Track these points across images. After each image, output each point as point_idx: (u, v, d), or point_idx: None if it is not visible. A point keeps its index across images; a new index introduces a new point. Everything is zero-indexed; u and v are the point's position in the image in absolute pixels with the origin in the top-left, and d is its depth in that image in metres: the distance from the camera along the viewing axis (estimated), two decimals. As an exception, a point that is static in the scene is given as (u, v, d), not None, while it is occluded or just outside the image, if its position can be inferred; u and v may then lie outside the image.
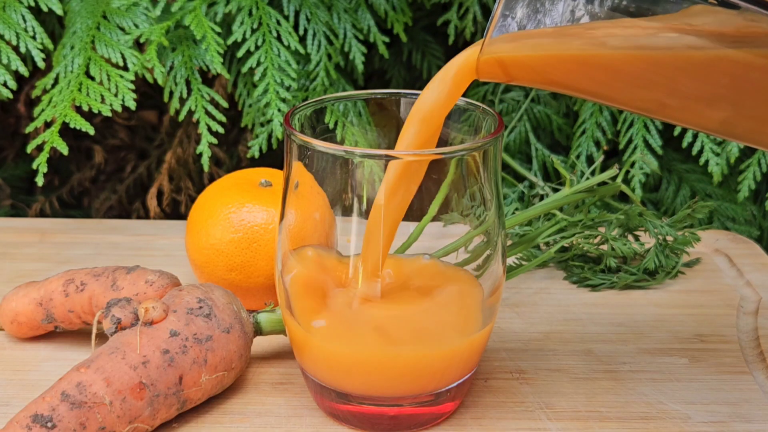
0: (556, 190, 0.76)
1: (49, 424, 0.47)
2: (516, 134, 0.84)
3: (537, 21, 0.40)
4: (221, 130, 0.76)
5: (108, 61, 0.76)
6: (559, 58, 0.41)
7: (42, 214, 0.91)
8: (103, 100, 0.72)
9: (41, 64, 0.74)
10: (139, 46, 0.79)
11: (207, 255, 0.63)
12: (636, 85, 0.40)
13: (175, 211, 0.90)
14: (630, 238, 0.75)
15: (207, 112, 0.77)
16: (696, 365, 0.60)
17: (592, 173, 0.75)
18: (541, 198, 0.77)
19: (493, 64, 0.43)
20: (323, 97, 0.55)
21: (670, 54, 0.39)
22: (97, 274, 0.58)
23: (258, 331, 0.57)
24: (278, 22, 0.77)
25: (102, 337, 0.59)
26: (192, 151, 0.87)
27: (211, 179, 0.89)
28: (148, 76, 0.75)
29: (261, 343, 0.61)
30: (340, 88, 0.81)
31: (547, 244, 0.73)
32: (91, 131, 0.71)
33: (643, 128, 0.80)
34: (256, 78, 0.76)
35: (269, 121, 0.77)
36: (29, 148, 0.72)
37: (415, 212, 0.51)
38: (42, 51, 0.75)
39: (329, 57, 0.79)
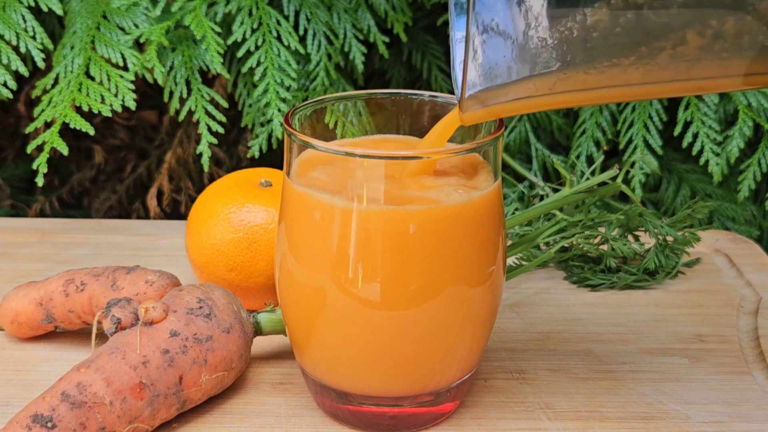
0: (556, 190, 0.76)
1: (49, 424, 0.47)
2: (516, 134, 0.84)
3: (503, 76, 0.44)
4: (221, 130, 0.76)
5: (108, 61, 0.76)
6: (532, 102, 0.45)
7: (42, 214, 0.91)
8: (103, 100, 0.73)
9: (41, 64, 0.74)
10: (139, 46, 0.79)
11: (207, 255, 0.63)
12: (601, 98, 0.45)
13: (175, 211, 0.90)
14: (630, 238, 0.75)
15: (207, 112, 0.77)
16: (696, 365, 0.60)
17: (592, 173, 0.75)
18: (541, 198, 0.77)
19: (476, 116, 0.47)
20: (323, 97, 0.55)
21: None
22: (97, 274, 0.58)
23: (258, 331, 0.57)
24: (278, 22, 0.77)
25: (102, 337, 0.59)
26: (192, 151, 0.87)
27: (211, 179, 0.89)
28: (148, 76, 0.75)
29: (261, 343, 0.61)
30: (340, 88, 0.81)
31: (547, 244, 0.73)
32: (91, 131, 0.71)
33: (643, 128, 0.80)
34: (256, 78, 0.76)
35: (269, 121, 0.77)
36: (29, 149, 0.73)
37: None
38: (42, 51, 0.75)
39: (329, 57, 0.79)
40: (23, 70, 0.74)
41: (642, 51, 0.41)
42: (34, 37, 0.75)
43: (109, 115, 0.73)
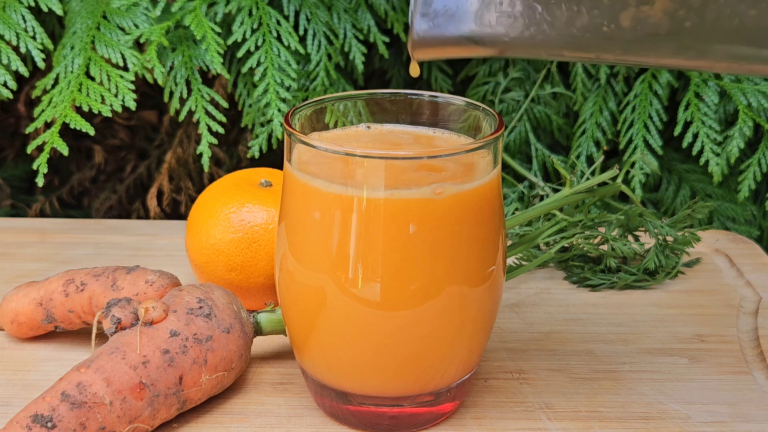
0: (556, 191, 0.76)
1: (49, 424, 0.47)
2: (516, 134, 0.84)
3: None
4: (221, 130, 0.76)
5: (108, 61, 0.76)
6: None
7: (42, 214, 0.91)
8: (103, 101, 0.73)
9: (41, 64, 0.74)
10: (139, 46, 0.79)
11: (207, 255, 0.63)
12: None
13: (175, 211, 0.90)
14: (630, 238, 0.75)
15: (207, 112, 0.77)
16: (696, 365, 0.60)
17: (592, 173, 0.75)
18: (541, 198, 0.77)
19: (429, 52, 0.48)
20: (323, 97, 0.55)
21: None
22: (97, 274, 0.58)
23: (258, 331, 0.57)
24: (278, 22, 0.77)
25: (102, 337, 0.59)
26: (192, 151, 0.87)
27: (211, 179, 0.89)
28: (148, 76, 0.75)
29: (261, 343, 0.61)
30: (340, 88, 0.81)
31: (547, 244, 0.73)
32: (91, 131, 0.72)
33: (643, 128, 0.80)
34: (256, 78, 0.76)
35: (269, 121, 0.77)
36: (29, 149, 0.73)
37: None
38: (42, 51, 0.75)
39: (329, 57, 0.79)
40: (23, 70, 0.74)
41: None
42: (34, 37, 0.75)
43: (109, 115, 0.73)
